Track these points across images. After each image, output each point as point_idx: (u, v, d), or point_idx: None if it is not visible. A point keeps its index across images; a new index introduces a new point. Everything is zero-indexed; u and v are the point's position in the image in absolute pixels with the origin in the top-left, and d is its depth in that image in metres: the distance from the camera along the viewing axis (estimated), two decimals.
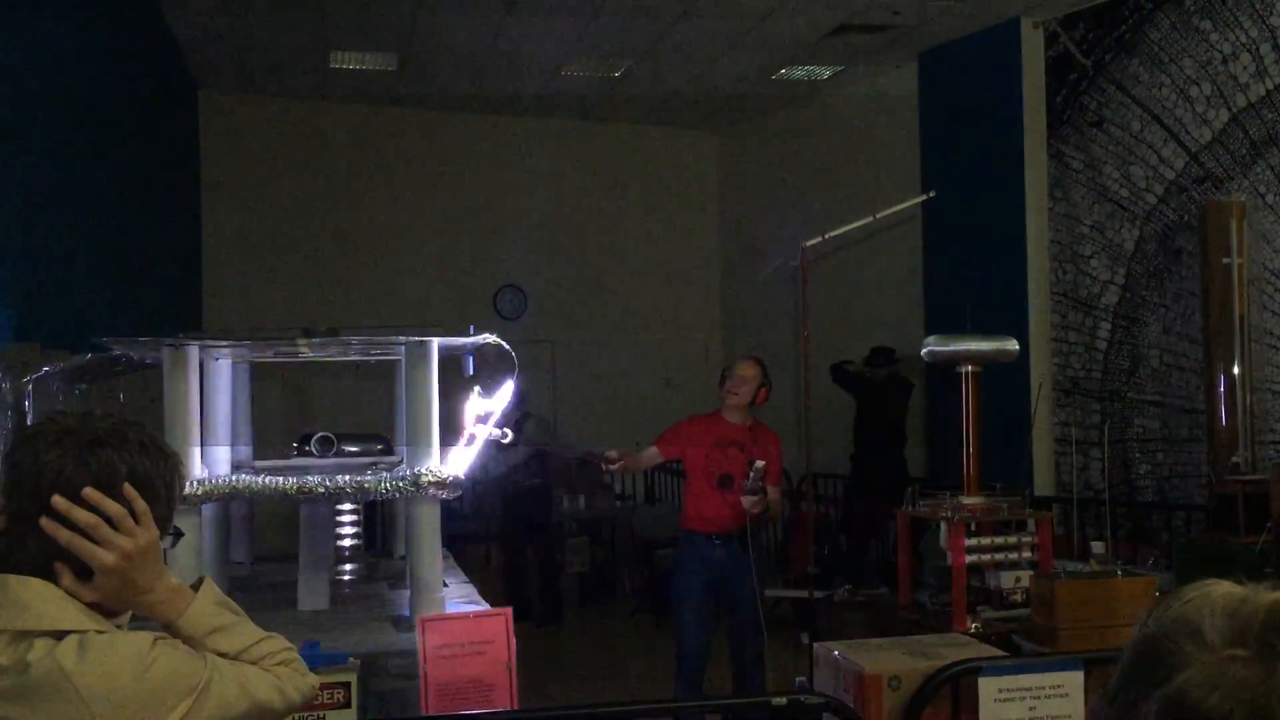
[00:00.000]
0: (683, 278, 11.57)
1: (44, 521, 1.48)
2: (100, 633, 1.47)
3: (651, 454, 5.43)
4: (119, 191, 6.82)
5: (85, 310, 5.78)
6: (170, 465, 1.61)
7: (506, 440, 3.81)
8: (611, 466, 5.26)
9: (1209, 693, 0.78)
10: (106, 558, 1.49)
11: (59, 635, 1.44)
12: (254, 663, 1.59)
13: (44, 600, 1.47)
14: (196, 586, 1.63)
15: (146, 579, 1.54)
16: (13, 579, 1.48)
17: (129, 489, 1.52)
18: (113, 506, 1.50)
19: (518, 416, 8.46)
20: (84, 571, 1.50)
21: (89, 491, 1.49)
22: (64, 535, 1.48)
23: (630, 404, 10.47)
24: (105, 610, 1.53)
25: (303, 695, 1.62)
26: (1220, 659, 0.79)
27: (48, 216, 5.20)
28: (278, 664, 1.62)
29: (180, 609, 1.58)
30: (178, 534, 1.65)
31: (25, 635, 1.43)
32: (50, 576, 1.50)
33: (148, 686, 1.45)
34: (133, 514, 1.52)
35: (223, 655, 1.57)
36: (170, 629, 1.57)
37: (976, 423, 5.21)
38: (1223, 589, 0.84)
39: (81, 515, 1.48)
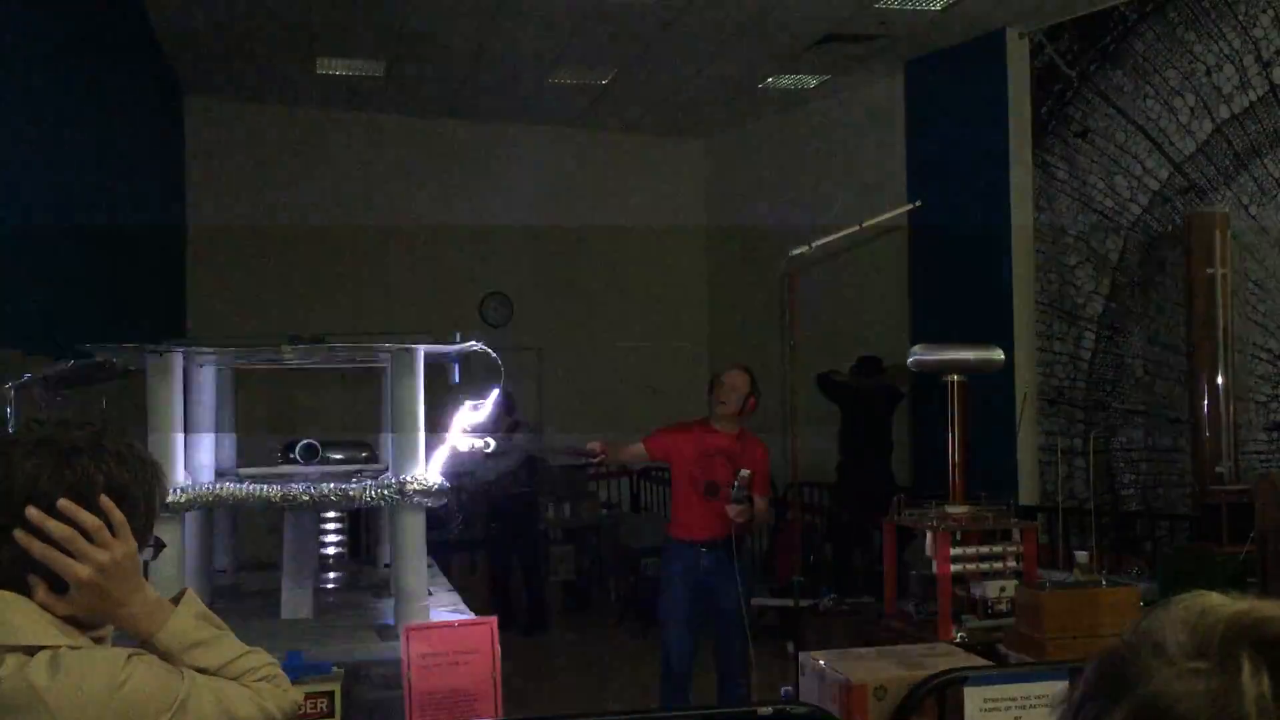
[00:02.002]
0: (669, 285, 11.57)
1: (17, 533, 1.45)
2: (74, 648, 1.44)
3: (637, 450, 5.43)
4: (104, 196, 6.79)
5: (68, 316, 5.74)
6: (149, 475, 1.57)
7: (489, 450, 3.80)
8: (594, 459, 5.25)
9: (1172, 704, 0.77)
10: (81, 571, 1.46)
11: (31, 651, 1.41)
12: (235, 678, 1.56)
13: (16, 614, 1.44)
14: (177, 599, 1.60)
15: (123, 592, 1.50)
16: None
17: (105, 500, 1.49)
18: (88, 518, 1.47)
19: (507, 424, 8.44)
20: (59, 584, 1.47)
21: (63, 503, 1.46)
22: (37, 548, 1.45)
23: (616, 411, 10.45)
24: (82, 624, 1.50)
25: (284, 712, 1.59)
26: (1180, 671, 0.78)
27: (30, 221, 5.17)
28: (259, 680, 1.58)
29: (159, 623, 1.54)
30: (159, 545, 1.62)
31: None
32: (24, 589, 1.46)
33: (121, 704, 1.41)
34: (109, 526, 1.49)
35: (203, 671, 1.53)
36: (148, 644, 1.54)
37: (962, 432, 5.22)
38: (1190, 600, 0.84)
39: (55, 527, 1.45)
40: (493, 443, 3.79)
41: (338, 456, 4.36)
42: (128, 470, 1.53)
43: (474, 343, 3.74)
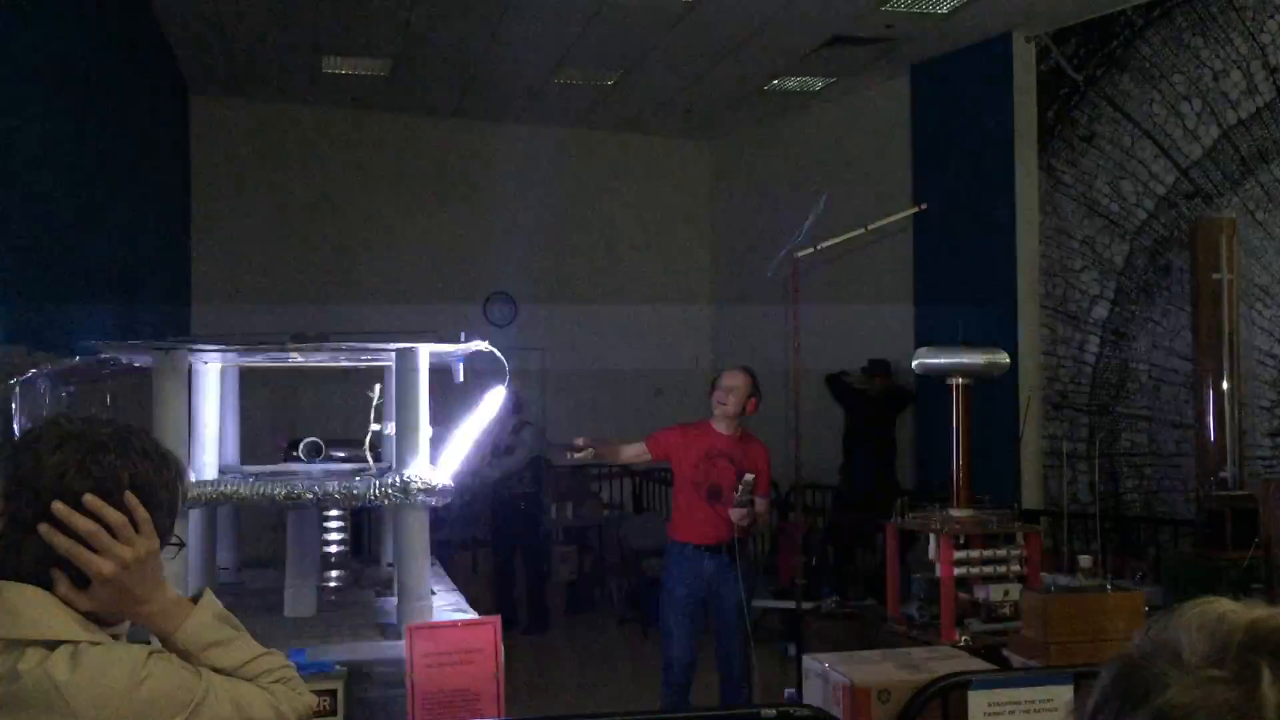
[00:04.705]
0: (674, 286, 11.57)
1: (42, 527, 1.45)
2: (94, 644, 1.44)
3: (638, 449, 5.41)
4: (108, 194, 6.79)
5: (73, 313, 5.75)
6: (173, 473, 1.57)
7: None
8: (578, 455, 5.23)
9: (1190, 713, 0.76)
10: (104, 566, 1.46)
11: (51, 645, 1.41)
12: (250, 679, 1.56)
13: (38, 608, 1.44)
14: (196, 599, 1.60)
15: (144, 589, 1.50)
16: (7, 585, 1.45)
17: (130, 497, 1.49)
18: (113, 514, 1.47)
19: (514, 424, 8.44)
20: (81, 579, 1.47)
21: (89, 498, 1.46)
22: (62, 542, 1.45)
23: (621, 411, 10.46)
24: (102, 619, 1.50)
25: (298, 715, 1.59)
26: (1199, 679, 0.78)
27: (36, 219, 5.18)
28: (274, 681, 1.58)
29: (178, 622, 1.54)
30: (180, 544, 1.62)
31: (17, 644, 1.41)
32: (47, 583, 1.46)
33: (140, 701, 1.42)
34: (133, 522, 1.49)
35: (219, 671, 1.53)
36: (166, 642, 1.54)
37: (966, 435, 5.21)
38: (1205, 607, 0.83)
39: (81, 522, 1.45)
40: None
41: (341, 455, 4.36)
42: (153, 467, 1.54)
43: (479, 342, 3.74)
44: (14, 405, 3.85)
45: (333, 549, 4.60)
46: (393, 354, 3.74)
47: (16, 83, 4.88)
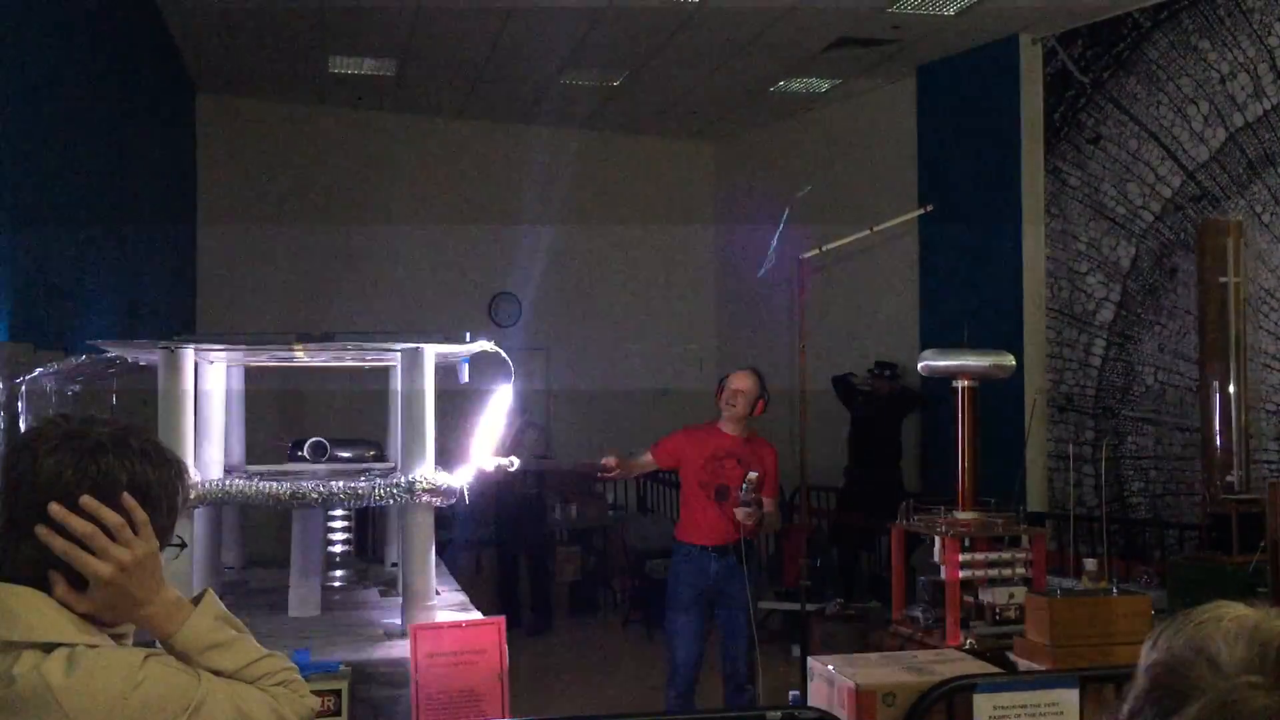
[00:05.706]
0: (679, 287, 11.57)
1: (39, 529, 1.43)
2: (91, 646, 1.43)
3: (646, 461, 5.41)
4: (115, 193, 6.80)
5: (79, 312, 5.75)
6: (173, 473, 1.55)
7: (513, 468, 3.81)
8: (609, 475, 5.23)
9: (1229, 719, 0.76)
10: (102, 569, 1.44)
11: (47, 648, 1.40)
12: (251, 682, 1.54)
13: (34, 611, 1.42)
14: (198, 600, 1.58)
15: (143, 591, 1.49)
16: (3, 587, 1.44)
17: (128, 498, 1.47)
18: (110, 516, 1.45)
19: (518, 425, 8.44)
20: (79, 581, 1.46)
21: (86, 500, 1.44)
22: (59, 544, 1.43)
23: (625, 413, 10.45)
24: (100, 621, 1.49)
25: (300, 718, 1.57)
26: (1236, 685, 0.77)
27: (43, 217, 5.18)
28: (276, 684, 1.56)
29: (178, 623, 1.52)
30: (181, 545, 1.61)
31: (13, 646, 1.39)
32: (44, 585, 1.45)
33: (136, 705, 1.40)
34: (131, 524, 1.47)
35: (219, 673, 1.51)
36: (166, 644, 1.53)
37: (971, 438, 5.19)
38: (1235, 613, 0.83)
39: (78, 524, 1.44)
40: (517, 461, 3.80)
41: (346, 455, 4.36)
42: (152, 468, 1.52)
43: (484, 342, 3.74)
44: (20, 403, 3.85)
45: (337, 549, 4.60)
46: (398, 353, 3.74)
47: (24, 80, 4.89)
